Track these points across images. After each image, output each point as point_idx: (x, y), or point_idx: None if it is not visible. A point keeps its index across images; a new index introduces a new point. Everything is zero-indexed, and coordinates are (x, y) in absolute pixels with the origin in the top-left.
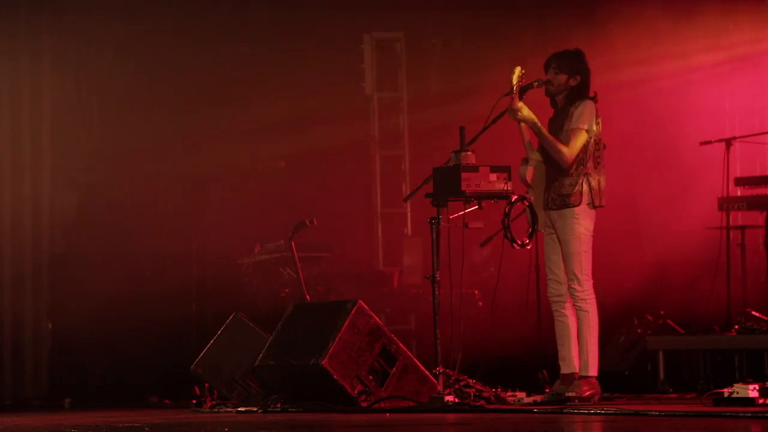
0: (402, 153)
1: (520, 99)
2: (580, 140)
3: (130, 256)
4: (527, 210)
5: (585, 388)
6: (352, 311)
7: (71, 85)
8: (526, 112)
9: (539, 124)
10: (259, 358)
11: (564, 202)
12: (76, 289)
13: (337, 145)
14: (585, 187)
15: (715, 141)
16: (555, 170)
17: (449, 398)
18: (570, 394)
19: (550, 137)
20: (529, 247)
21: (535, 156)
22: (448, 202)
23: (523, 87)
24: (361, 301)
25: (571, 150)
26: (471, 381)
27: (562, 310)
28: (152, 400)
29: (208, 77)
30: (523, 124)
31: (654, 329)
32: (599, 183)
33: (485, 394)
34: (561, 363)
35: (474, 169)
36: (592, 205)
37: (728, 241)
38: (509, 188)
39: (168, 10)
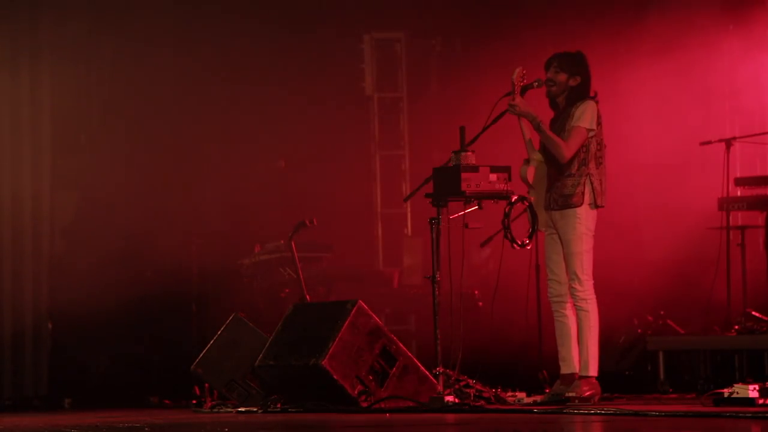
0: (402, 153)
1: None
2: (580, 138)
3: (130, 256)
4: (527, 210)
5: (585, 388)
6: (352, 311)
7: (71, 85)
8: (525, 106)
9: (538, 119)
10: (259, 358)
11: (566, 202)
12: (76, 289)
13: (337, 145)
14: (587, 188)
15: (715, 141)
16: (556, 170)
17: (449, 398)
18: (570, 394)
19: (549, 132)
20: (529, 247)
21: (537, 156)
22: (448, 202)
23: (523, 87)
24: (361, 301)
25: (570, 146)
26: (471, 381)
27: (563, 311)
28: (152, 400)
29: (208, 77)
30: (523, 122)
31: (654, 329)
32: (601, 183)
33: (485, 395)
34: (561, 363)
35: (474, 169)
36: (594, 204)
37: (728, 241)
38: (509, 188)
39: (167, 11)
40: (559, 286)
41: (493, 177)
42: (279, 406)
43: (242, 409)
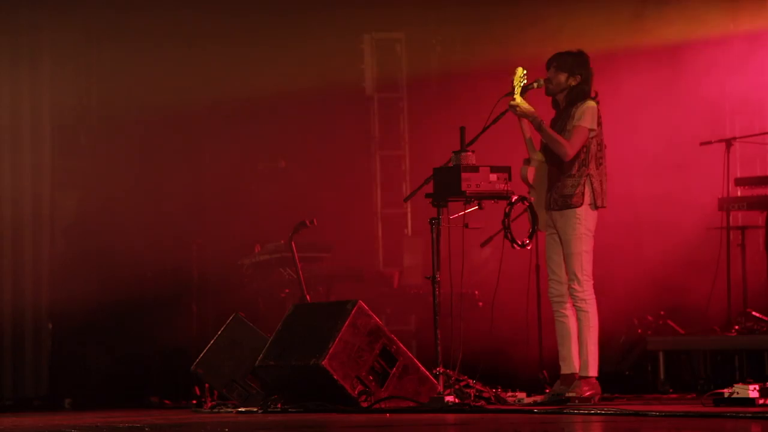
0: (402, 153)
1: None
2: (582, 137)
3: (131, 256)
4: (527, 210)
5: (585, 388)
6: (352, 311)
7: (71, 85)
8: (526, 106)
9: (539, 119)
10: (259, 358)
11: (566, 202)
12: (76, 289)
13: (337, 145)
14: (587, 188)
15: (715, 141)
16: (557, 171)
17: (449, 399)
18: (570, 394)
19: (551, 131)
20: (529, 248)
21: (537, 156)
22: (448, 202)
23: (524, 87)
24: (361, 302)
25: (572, 144)
26: (471, 381)
27: (563, 311)
28: (152, 400)
29: (208, 77)
30: (523, 121)
31: (654, 329)
32: (601, 184)
33: (485, 395)
34: (561, 363)
35: (474, 169)
36: (594, 205)
37: (728, 242)
38: (509, 188)
39: (167, 11)
40: (560, 286)
41: (493, 177)
42: (279, 406)
43: (242, 409)
